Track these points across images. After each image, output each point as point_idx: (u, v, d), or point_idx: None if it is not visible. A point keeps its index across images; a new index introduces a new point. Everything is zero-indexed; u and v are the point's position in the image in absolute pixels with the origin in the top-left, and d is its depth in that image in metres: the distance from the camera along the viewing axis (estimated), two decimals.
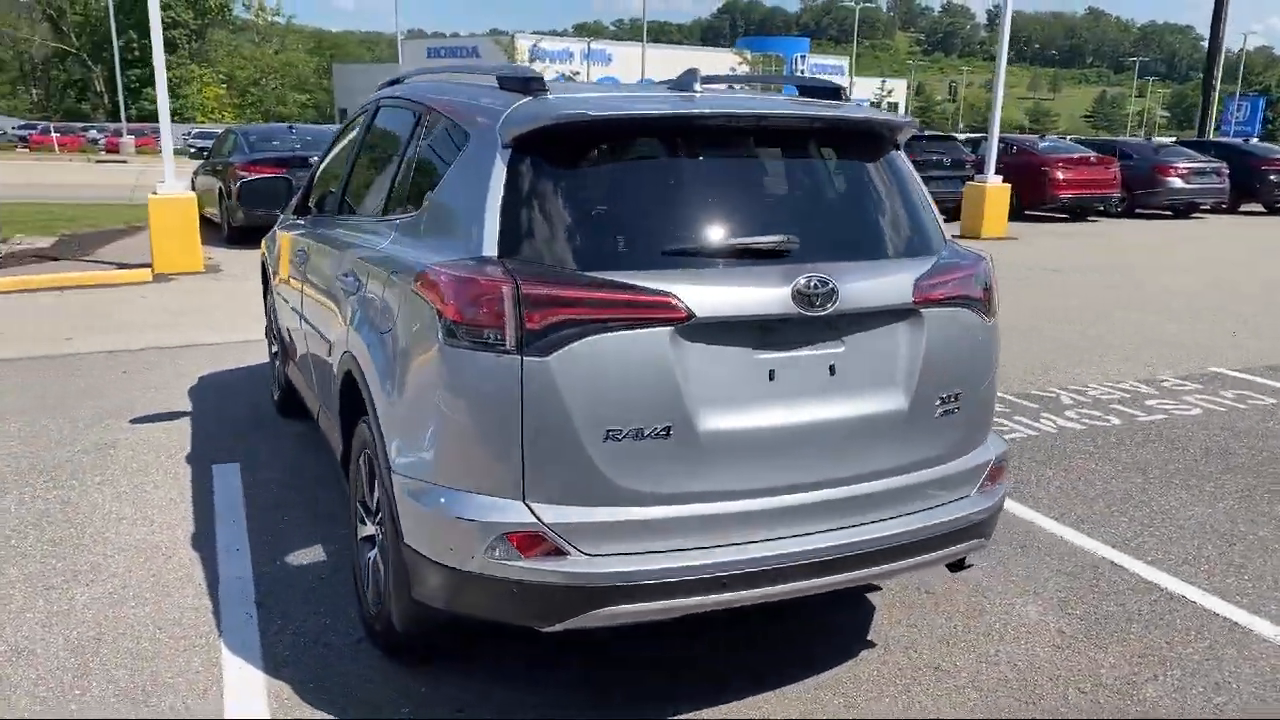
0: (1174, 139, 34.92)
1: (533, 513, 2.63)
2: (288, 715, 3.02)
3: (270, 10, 65.50)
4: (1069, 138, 30.77)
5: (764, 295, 2.71)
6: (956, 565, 3.33)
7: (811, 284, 2.74)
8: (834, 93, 3.50)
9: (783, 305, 2.72)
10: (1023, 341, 8.42)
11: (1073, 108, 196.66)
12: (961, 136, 26.05)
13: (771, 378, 2.79)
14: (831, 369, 2.87)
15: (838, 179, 3.18)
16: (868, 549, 2.91)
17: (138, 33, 68.35)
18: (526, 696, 3.12)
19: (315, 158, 12.86)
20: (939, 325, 3.01)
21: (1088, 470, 5.33)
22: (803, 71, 74.51)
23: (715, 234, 2.84)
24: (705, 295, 2.66)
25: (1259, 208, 24.47)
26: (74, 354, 7.68)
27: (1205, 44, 33.56)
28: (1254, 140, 35.77)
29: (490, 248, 2.70)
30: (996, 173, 17.15)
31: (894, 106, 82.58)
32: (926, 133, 23.87)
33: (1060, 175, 20.30)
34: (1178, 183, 21.91)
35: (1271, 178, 23.63)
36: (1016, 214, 18.36)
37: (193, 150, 29.23)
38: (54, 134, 46.71)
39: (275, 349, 5.87)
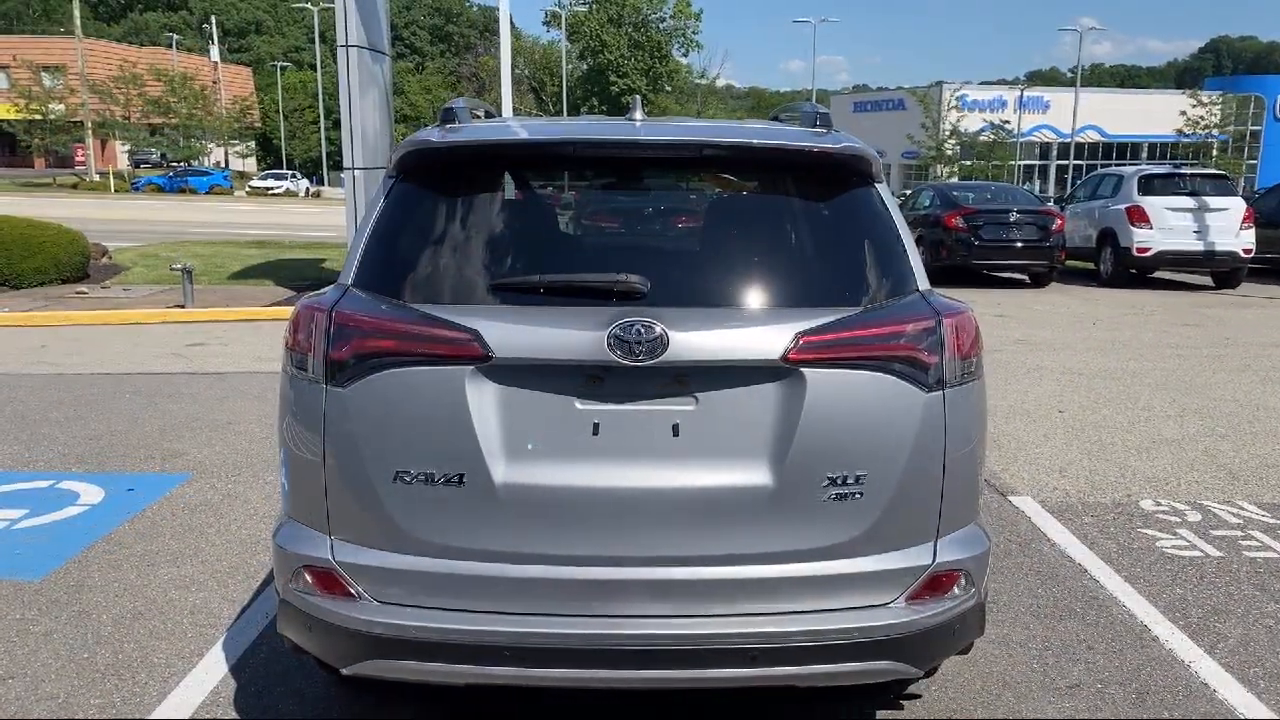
0: None
1: (330, 549, 2.56)
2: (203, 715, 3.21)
3: (695, 73, 70.26)
4: None
5: (575, 339, 2.39)
6: (899, 690, 2.68)
7: (633, 330, 2.38)
8: (812, 119, 3.01)
9: (597, 352, 2.38)
10: None
11: None
12: None
13: (595, 432, 2.46)
14: (675, 429, 2.46)
15: (740, 214, 2.72)
16: (710, 645, 2.44)
17: (598, 99, 76.97)
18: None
19: None
20: (832, 389, 2.46)
21: None
22: None
23: (546, 269, 2.58)
24: (508, 335, 2.42)
25: None
26: None
27: None
28: None
29: (349, 277, 2.69)
30: None
31: None
32: None
33: None
34: None
35: None
36: None
37: None
38: None
39: None
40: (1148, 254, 15.25)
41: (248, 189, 54.20)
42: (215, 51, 65.19)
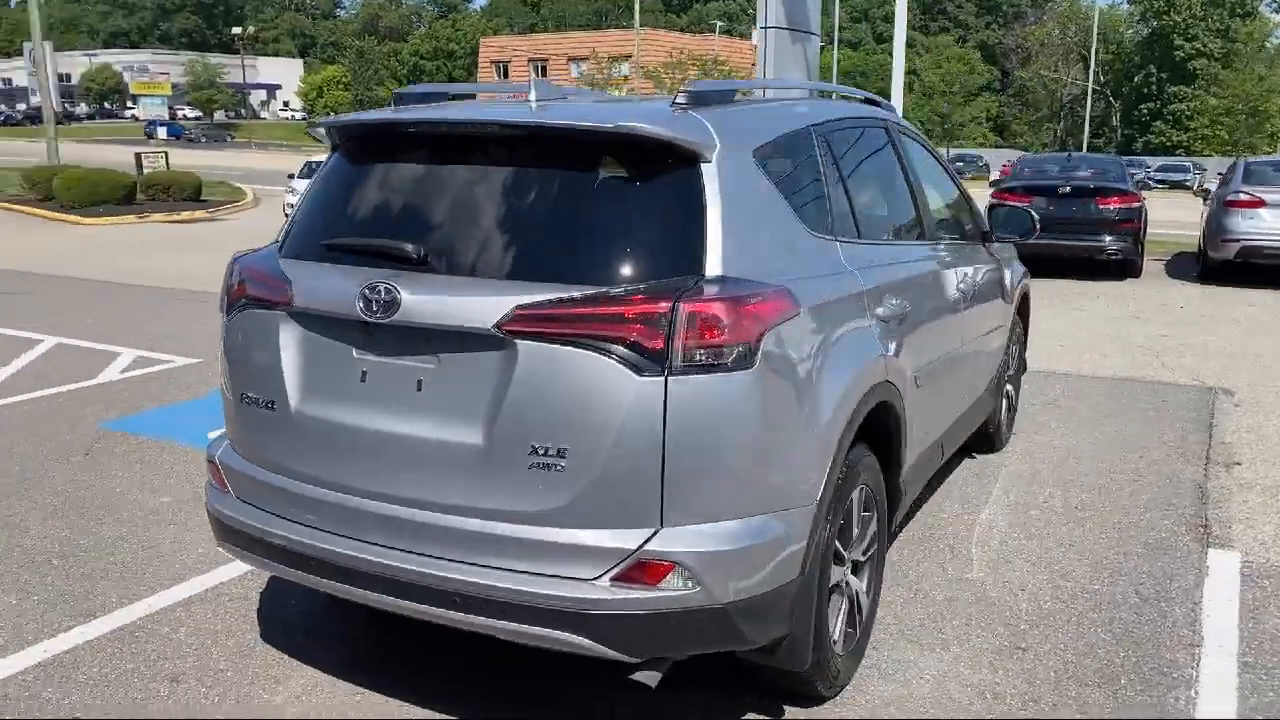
0: None
1: (219, 450, 3.21)
2: None
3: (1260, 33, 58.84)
4: None
5: (340, 294, 2.75)
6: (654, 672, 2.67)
7: (376, 290, 2.67)
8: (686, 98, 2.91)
9: (349, 307, 2.72)
10: None
11: None
12: None
13: (363, 379, 2.79)
14: (419, 384, 2.71)
15: (521, 191, 2.78)
16: (419, 582, 2.67)
17: (1157, 66, 68.69)
18: None
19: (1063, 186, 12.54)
20: (542, 363, 2.52)
21: None
22: None
23: (351, 232, 2.94)
24: (304, 286, 2.85)
25: None
26: None
27: None
28: None
29: (279, 235, 3.29)
30: None
31: None
32: None
33: None
34: None
35: None
36: None
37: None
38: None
39: None
40: None
41: None
42: (755, 35, 69.74)
